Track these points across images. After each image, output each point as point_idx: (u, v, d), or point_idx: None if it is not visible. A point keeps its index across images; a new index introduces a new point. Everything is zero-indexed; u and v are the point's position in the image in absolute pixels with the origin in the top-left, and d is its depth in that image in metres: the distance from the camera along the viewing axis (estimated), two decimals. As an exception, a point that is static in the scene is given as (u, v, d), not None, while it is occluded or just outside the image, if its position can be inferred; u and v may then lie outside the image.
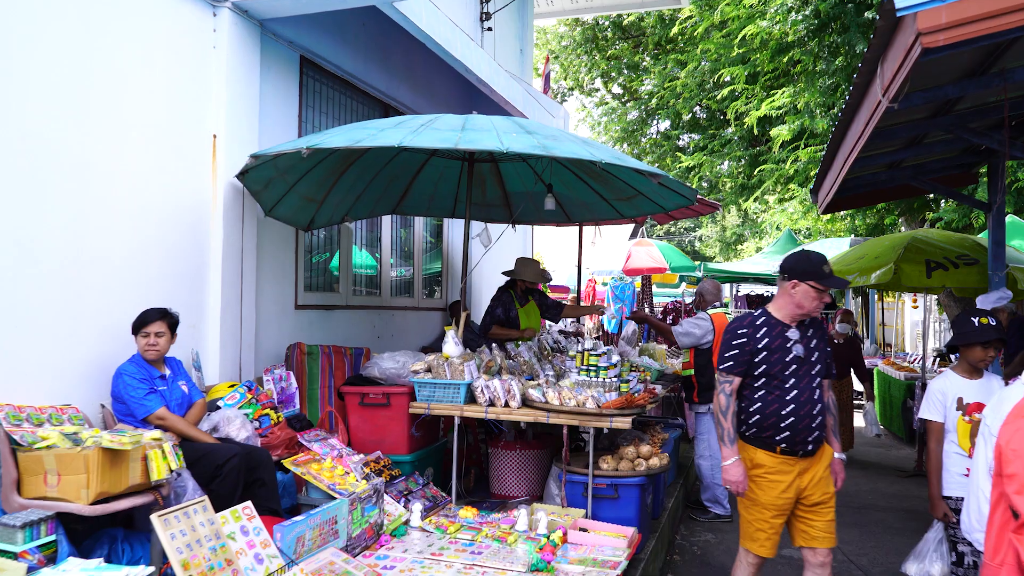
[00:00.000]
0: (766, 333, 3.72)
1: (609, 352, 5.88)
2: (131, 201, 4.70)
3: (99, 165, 4.46)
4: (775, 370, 3.69)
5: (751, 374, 3.75)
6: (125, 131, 4.65)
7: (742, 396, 3.83)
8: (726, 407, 3.75)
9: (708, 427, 6.53)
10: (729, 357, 3.75)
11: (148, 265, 4.80)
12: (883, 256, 8.07)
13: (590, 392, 5.03)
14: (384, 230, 7.77)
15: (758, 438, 3.76)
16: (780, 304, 3.78)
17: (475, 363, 5.28)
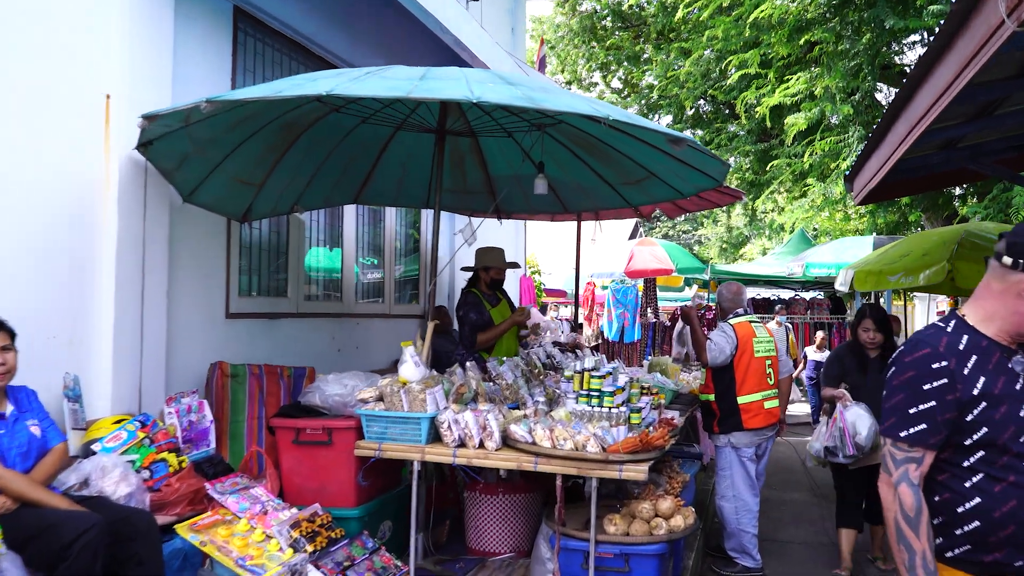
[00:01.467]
0: (978, 365, 2.08)
1: (615, 372, 4.61)
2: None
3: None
4: (1005, 435, 2.03)
5: (958, 444, 2.09)
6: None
7: (937, 485, 2.14)
8: (915, 510, 2.04)
9: (730, 461, 5.25)
10: (916, 415, 2.06)
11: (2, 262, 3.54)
12: (933, 253, 6.78)
13: (592, 428, 3.76)
14: (347, 223, 6.48)
15: (976, 561, 2.07)
16: (991, 310, 2.12)
17: (442, 389, 4.00)
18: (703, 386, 5.37)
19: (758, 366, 5.19)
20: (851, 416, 5.01)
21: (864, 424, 4.92)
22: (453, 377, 4.29)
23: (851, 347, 5.41)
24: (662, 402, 5.13)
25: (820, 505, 7.32)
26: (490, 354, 5.67)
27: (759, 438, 5.25)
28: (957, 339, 2.10)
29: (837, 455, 5.05)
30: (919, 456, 2.07)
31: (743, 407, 5.15)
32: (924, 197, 12.62)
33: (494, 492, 4.51)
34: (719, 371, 5.21)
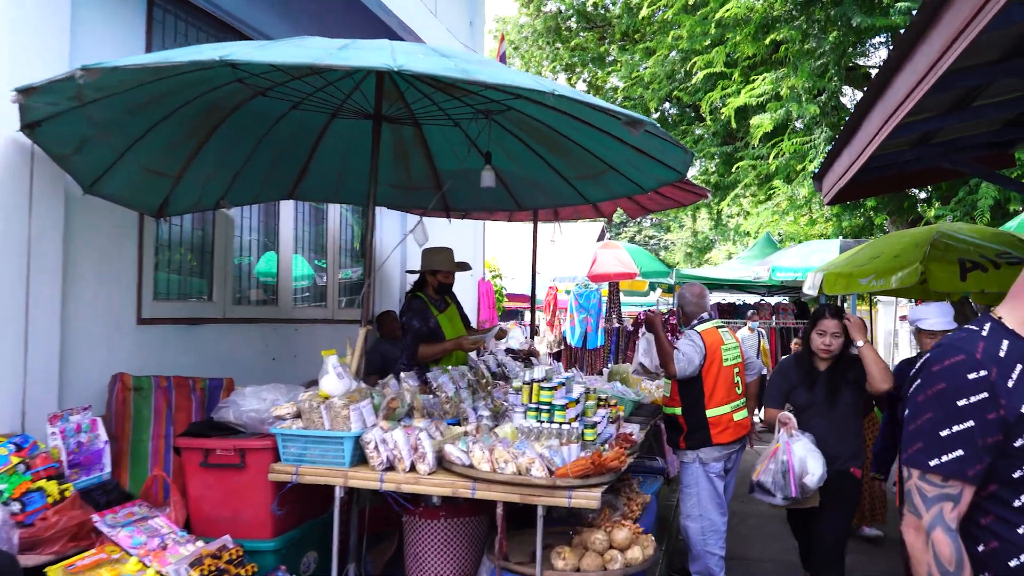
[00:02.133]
0: None
1: (569, 382, 4.16)
2: None
3: None
4: None
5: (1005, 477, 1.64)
6: None
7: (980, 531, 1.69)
8: (954, 562, 1.60)
9: (696, 478, 4.80)
10: (950, 439, 1.63)
11: None
12: (905, 255, 6.43)
13: (538, 448, 3.29)
14: (284, 221, 5.96)
15: None
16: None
17: (371, 404, 3.51)
18: (667, 398, 4.90)
19: (727, 376, 4.76)
20: (800, 450, 4.10)
21: (816, 463, 4.05)
22: (386, 390, 3.80)
23: (799, 358, 4.53)
24: (621, 415, 4.68)
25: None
26: (437, 363, 5.19)
27: (728, 453, 4.81)
28: (996, 345, 1.65)
29: (773, 495, 4.17)
30: (956, 492, 1.61)
31: (712, 421, 4.72)
32: (890, 200, 12.39)
33: (434, 516, 4.00)
34: (686, 382, 4.76)
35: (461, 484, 3.17)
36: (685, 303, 5.05)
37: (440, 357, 5.17)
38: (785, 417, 4.25)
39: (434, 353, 5.12)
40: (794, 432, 4.16)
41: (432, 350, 5.11)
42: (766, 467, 4.17)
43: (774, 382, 4.60)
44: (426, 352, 5.08)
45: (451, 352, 5.18)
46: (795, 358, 4.59)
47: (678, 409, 4.78)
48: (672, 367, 4.66)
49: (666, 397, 4.89)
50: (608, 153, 4.55)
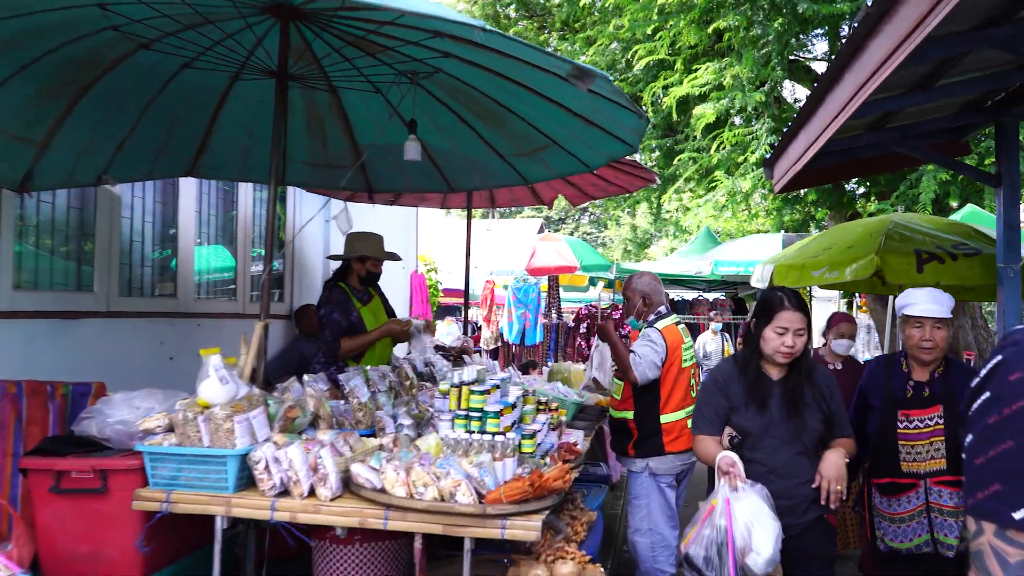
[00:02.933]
0: None
1: (505, 384, 3.59)
2: None
3: None
4: None
5: None
6: None
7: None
8: None
9: (647, 489, 4.27)
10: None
11: None
12: (859, 245, 6.06)
13: (467, 465, 2.70)
14: (184, 201, 5.22)
15: None
16: None
17: (263, 414, 2.87)
18: (617, 401, 4.33)
19: (685, 379, 4.23)
20: (744, 513, 2.70)
21: (767, 537, 2.65)
22: (285, 396, 3.16)
23: (742, 364, 3.11)
24: (563, 419, 4.14)
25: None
26: (358, 363, 4.55)
27: (681, 462, 4.30)
28: None
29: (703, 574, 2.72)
30: None
31: (665, 428, 4.19)
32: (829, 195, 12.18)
33: (348, 542, 3.39)
34: (643, 386, 4.20)
35: (371, 513, 2.56)
36: (639, 294, 4.41)
37: (364, 350, 4.54)
38: (729, 461, 2.82)
39: (358, 346, 4.48)
40: (740, 485, 2.75)
41: (356, 343, 4.47)
42: (698, 533, 2.79)
43: (705, 400, 3.15)
44: (349, 346, 4.44)
45: (376, 343, 4.56)
46: (735, 365, 3.15)
47: (629, 413, 4.23)
48: (632, 374, 4.07)
49: (615, 399, 4.33)
50: (550, 125, 3.99)
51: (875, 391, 3.57)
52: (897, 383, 3.47)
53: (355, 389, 3.27)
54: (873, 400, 3.56)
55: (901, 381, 3.46)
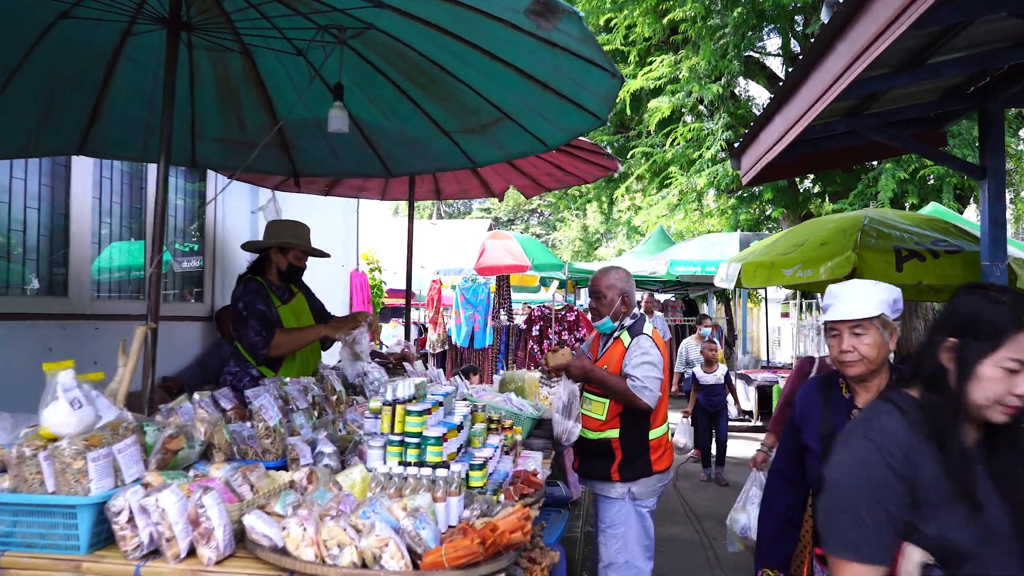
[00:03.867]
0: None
1: (449, 399, 2.98)
2: None
3: None
4: None
5: None
6: None
7: None
8: None
9: (626, 517, 3.69)
10: None
11: None
12: (833, 242, 5.59)
13: (398, 510, 2.07)
14: (77, 183, 4.46)
15: None
16: None
17: (133, 447, 2.19)
18: (597, 421, 3.70)
19: (666, 387, 3.69)
20: None
21: None
22: (171, 419, 2.47)
23: (932, 425, 1.68)
24: (519, 439, 3.52)
25: (706, 545, 5.96)
26: (276, 373, 3.87)
27: (663, 484, 3.75)
28: None
29: None
30: None
31: (653, 445, 3.63)
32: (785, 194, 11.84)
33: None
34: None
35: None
36: (623, 291, 3.77)
37: (302, 348, 3.85)
38: None
39: (295, 343, 3.77)
40: None
41: (292, 339, 3.75)
42: None
43: (860, 493, 1.67)
44: (284, 341, 3.72)
45: (316, 340, 3.88)
46: (918, 429, 1.70)
47: (614, 432, 3.63)
48: (641, 403, 3.50)
49: (592, 419, 3.71)
50: (502, 94, 3.38)
51: (811, 426, 2.53)
52: (838, 414, 2.47)
53: (262, 409, 2.60)
54: (809, 438, 2.52)
55: (842, 410, 2.47)
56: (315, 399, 3.34)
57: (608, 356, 3.74)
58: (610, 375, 3.62)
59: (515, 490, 2.67)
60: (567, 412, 3.66)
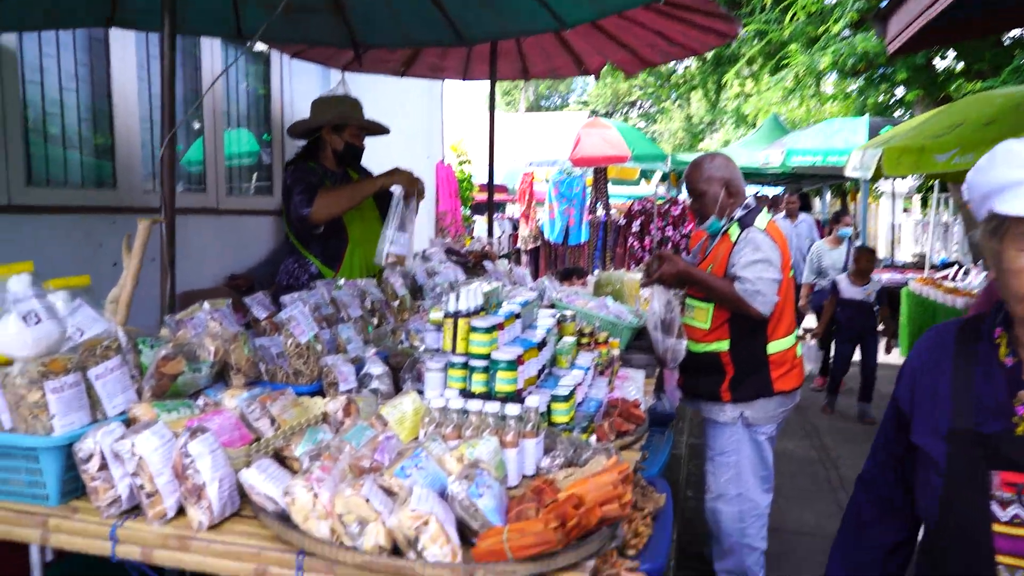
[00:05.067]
0: None
1: (530, 307, 2.40)
2: None
3: None
4: None
5: None
6: None
7: None
8: None
9: (738, 445, 3.09)
10: None
11: None
12: (1004, 121, 4.60)
13: (449, 467, 1.53)
14: (119, 61, 3.96)
15: None
16: None
17: (120, 372, 1.70)
18: (701, 330, 3.06)
19: (792, 292, 3.01)
20: None
21: None
22: (180, 334, 1.98)
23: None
24: (616, 354, 2.92)
25: (828, 464, 5.30)
26: (337, 272, 3.37)
27: (784, 408, 3.11)
28: None
29: None
30: None
31: (774, 360, 2.99)
32: (920, 74, 10.40)
33: None
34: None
35: (273, 558, 1.40)
36: (725, 180, 3.04)
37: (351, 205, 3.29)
38: None
39: (345, 198, 3.21)
40: None
41: (340, 194, 3.20)
42: None
43: None
44: (331, 199, 3.16)
45: (368, 195, 3.29)
46: None
47: (723, 344, 2.99)
48: (754, 309, 2.85)
49: (696, 328, 3.06)
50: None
51: (932, 412, 1.36)
52: (990, 392, 1.29)
53: (291, 322, 2.07)
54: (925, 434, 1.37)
55: (999, 386, 1.28)
56: (374, 305, 2.82)
57: (713, 255, 3.05)
58: (713, 277, 2.95)
59: (610, 427, 2.08)
60: (667, 327, 3.01)
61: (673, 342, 2.96)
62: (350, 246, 3.37)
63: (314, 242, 3.33)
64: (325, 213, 3.16)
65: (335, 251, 3.35)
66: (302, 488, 1.37)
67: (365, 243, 3.39)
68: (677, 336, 2.96)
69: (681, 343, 2.97)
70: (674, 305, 2.95)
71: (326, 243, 3.34)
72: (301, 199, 3.12)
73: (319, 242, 3.33)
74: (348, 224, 3.34)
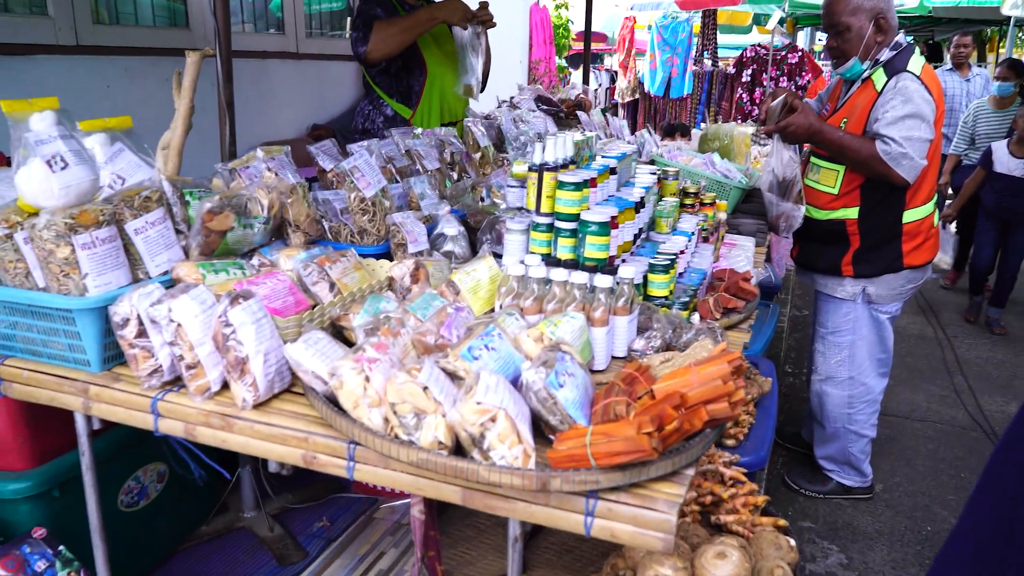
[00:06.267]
0: None
1: (627, 161, 2.08)
2: None
3: None
4: None
5: None
6: None
7: None
8: None
9: (855, 324, 2.76)
10: None
11: None
12: None
13: (527, 349, 1.31)
14: None
15: None
16: None
17: (163, 225, 1.51)
18: (826, 194, 2.65)
19: (939, 154, 2.55)
20: None
21: None
22: (234, 185, 1.77)
23: None
24: (722, 217, 2.58)
25: (944, 344, 4.89)
26: (414, 112, 3.09)
27: (917, 282, 2.73)
28: None
29: None
30: None
31: (908, 230, 2.58)
32: None
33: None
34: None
35: (322, 445, 1.23)
36: (877, 12, 2.48)
37: (412, 36, 2.94)
38: None
39: (403, 29, 2.85)
40: None
41: (398, 26, 2.85)
42: None
43: None
44: (384, 36, 2.82)
45: (429, 25, 2.92)
46: None
47: (851, 212, 2.59)
48: (895, 173, 2.40)
49: (824, 193, 2.66)
50: None
51: None
52: None
53: (355, 172, 1.83)
54: None
55: None
56: (453, 157, 2.55)
57: (851, 106, 2.58)
58: (849, 135, 2.48)
59: (716, 304, 1.80)
60: (784, 190, 2.63)
61: (789, 207, 2.59)
62: (428, 80, 3.07)
63: (388, 79, 3.05)
64: (381, 50, 2.84)
65: (412, 88, 3.07)
66: (351, 370, 1.17)
67: (444, 77, 3.09)
68: (795, 201, 2.58)
69: (799, 209, 2.59)
70: (795, 164, 2.55)
71: (401, 79, 3.06)
72: (357, 35, 2.84)
73: (394, 79, 3.05)
74: (426, 56, 3.04)
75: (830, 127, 2.49)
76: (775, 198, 2.59)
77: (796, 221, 2.61)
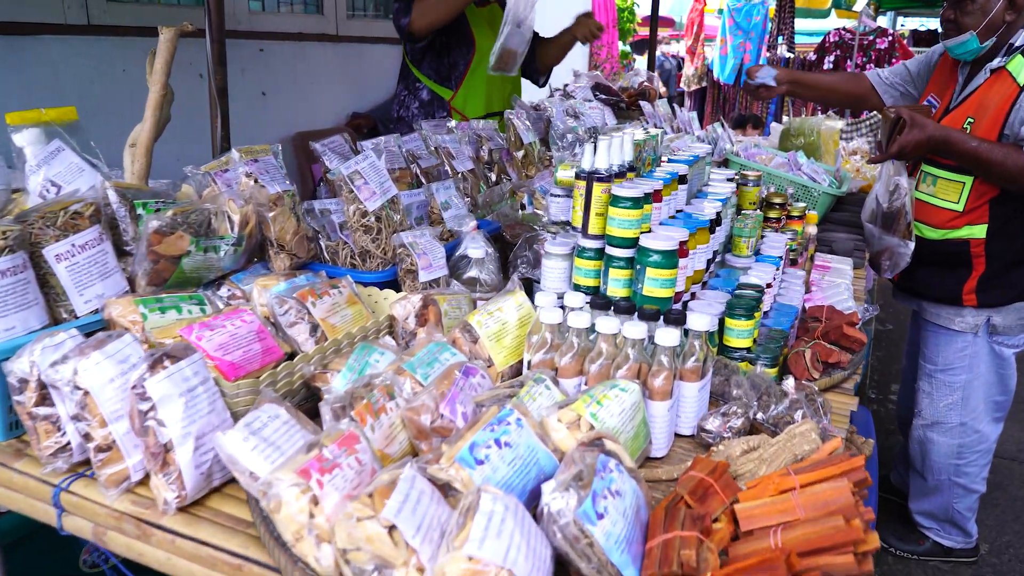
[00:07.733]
0: None
1: (696, 171, 1.65)
2: None
3: None
4: None
5: None
6: None
7: None
8: None
9: (974, 360, 2.28)
10: None
11: None
12: None
13: (558, 440, 0.92)
14: None
15: None
16: None
17: (82, 253, 1.17)
18: (949, 212, 2.13)
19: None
20: None
21: None
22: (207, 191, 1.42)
23: None
24: (812, 232, 2.13)
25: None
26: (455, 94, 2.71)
27: None
28: None
29: None
30: None
31: None
32: None
33: None
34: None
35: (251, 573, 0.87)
36: None
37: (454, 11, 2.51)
38: None
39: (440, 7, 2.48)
40: None
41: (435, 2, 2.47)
42: None
43: None
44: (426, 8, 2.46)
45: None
46: None
47: (977, 231, 2.11)
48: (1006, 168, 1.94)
49: (945, 210, 2.15)
50: None
51: None
52: None
53: (357, 177, 1.45)
54: None
55: None
56: (492, 155, 2.17)
57: (976, 102, 2.06)
58: (988, 144, 1.97)
59: (814, 359, 1.37)
60: (888, 221, 2.13)
61: (895, 242, 2.10)
62: (476, 57, 2.68)
63: (431, 56, 2.68)
64: (426, 19, 2.47)
65: (456, 65, 2.69)
66: (291, 487, 0.80)
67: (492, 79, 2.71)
68: (902, 235, 2.09)
69: (906, 245, 2.09)
70: (904, 191, 2.05)
71: (444, 56, 2.68)
72: (399, 7, 2.47)
73: (436, 55, 2.68)
74: (475, 31, 2.67)
75: (958, 134, 1.98)
76: (877, 230, 2.12)
77: (903, 260, 2.12)
